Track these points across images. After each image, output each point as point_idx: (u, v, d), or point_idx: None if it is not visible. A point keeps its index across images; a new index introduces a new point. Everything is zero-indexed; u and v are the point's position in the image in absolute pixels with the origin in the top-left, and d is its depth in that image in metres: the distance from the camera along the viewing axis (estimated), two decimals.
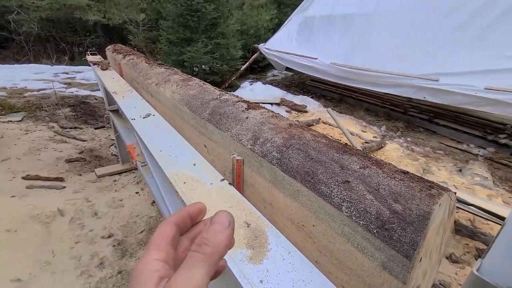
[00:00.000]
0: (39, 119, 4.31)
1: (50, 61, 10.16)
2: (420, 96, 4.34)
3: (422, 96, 4.31)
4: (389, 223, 0.62)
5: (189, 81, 1.71)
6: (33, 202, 2.59)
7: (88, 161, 3.37)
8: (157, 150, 1.24)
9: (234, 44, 7.21)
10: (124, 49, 3.03)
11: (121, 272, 2.03)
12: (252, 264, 0.69)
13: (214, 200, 0.93)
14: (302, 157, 0.85)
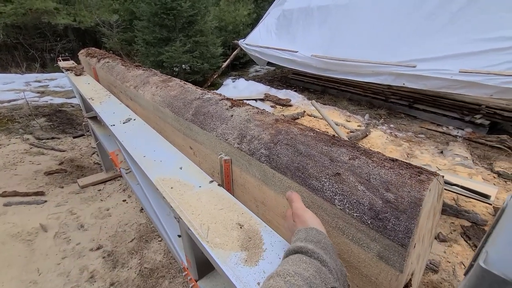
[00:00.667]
0: (12, 131, 4.07)
1: (19, 69, 9.61)
2: (399, 83, 4.45)
3: (401, 83, 4.42)
4: (382, 213, 0.61)
5: (169, 82, 1.66)
6: (13, 220, 2.46)
7: (69, 172, 3.22)
8: (140, 156, 1.19)
9: (213, 41, 7.09)
10: (98, 52, 2.89)
11: (113, 284, 1.96)
12: (248, 266, 0.67)
13: (204, 204, 0.90)
14: (291, 153, 0.84)
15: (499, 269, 0.20)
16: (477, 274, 0.21)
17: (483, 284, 0.21)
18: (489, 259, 0.21)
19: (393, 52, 4.43)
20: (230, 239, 0.75)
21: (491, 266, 0.21)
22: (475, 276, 0.22)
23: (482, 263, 0.21)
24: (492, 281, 0.20)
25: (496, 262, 0.21)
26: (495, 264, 0.21)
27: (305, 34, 6.12)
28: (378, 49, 4.65)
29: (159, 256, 2.19)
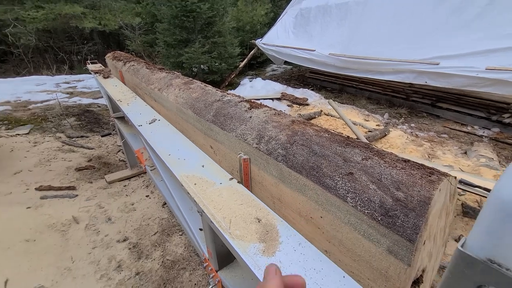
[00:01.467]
0: (46, 130, 4.39)
1: (50, 71, 10.26)
2: (421, 81, 4.32)
3: (423, 81, 4.29)
4: (392, 210, 0.65)
5: (191, 84, 1.75)
6: (48, 211, 2.68)
7: (97, 168, 3.45)
8: (165, 154, 1.29)
9: (231, 41, 7.21)
10: (124, 55, 3.07)
11: (138, 273, 2.10)
12: (265, 256, 0.74)
13: (225, 199, 0.98)
14: (306, 153, 0.89)
15: (472, 251, 0.24)
16: (456, 256, 0.26)
17: (460, 263, 0.25)
18: (466, 244, 0.26)
19: (414, 49, 4.30)
20: (249, 232, 0.82)
21: (466, 248, 0.25)
22: (454, 258, 0.26)
23: (460, 247, 0.25)
24: (467, 261, 0.24)
25: (470, 245, 0.25)
26: (469, 247, 0.25)
27: (322, 32, 6.07)
28: (399, 46, 4.53)
29: (180, 249, 2.30)
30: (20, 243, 2.30)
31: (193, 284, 2.02)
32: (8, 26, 10.24)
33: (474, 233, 0.25)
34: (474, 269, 0.25)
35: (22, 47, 10.81)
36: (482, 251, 0.24)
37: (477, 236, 0.25)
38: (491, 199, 0.24)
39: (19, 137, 4.14)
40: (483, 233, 0.24)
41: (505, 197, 0.23)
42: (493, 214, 0.24)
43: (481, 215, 0.25)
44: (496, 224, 0.24)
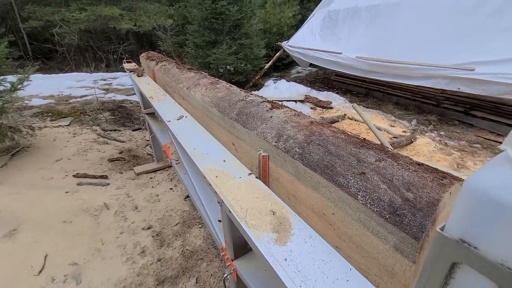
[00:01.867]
0: (84, 123, 4.77)
1: (89, 69, 11.05)
2: (454, 87, 4.11)
3: (456, 87, 4.09)
4: (400, 209, 0.68)
5: (217, 84, 1.85)
6: (83, 197, 2.93)
7: (127, 160, 3.69)
8: (191, 149, 1.39)
9: (257, 43, 7.32)
10: (156, 56, 3.27)
11: (160, 260, 2.24)
12: (277, 245, 0.80)
13: (243, 192, 1.05)
14: (322, 152, 0.94)
15: (447, 233, 0.28)
16: (435, 237, 0.30)
17: (437, 243, 0.29)
18: (445, 227, 0.30)
19: (447, 54, 4.11)
20: (263, 222, 0.88)
21: (443, 231, 0.29)
22: (434, 239, 0.30)
23: (438, 229, 0.29)
24: (443, 241, 0.28)
25: (447, 228, 0.29)
26: (446, 229, 0.29)
27: (350, 35, 5.97)
28: (431, 51, 4.35)
29: (199, 241, 2.42)
30: (59, 224, 2.55)
31: (209, 274, 2.12)
32: (54, 27, 11.19)
33: (451, 217, 0.29)
34: (449, 248, 0.28)
35: (66, 46, 11.76)
36: (456, 232, 0.28)
37: (452, 220, 0.28)
38: (464, 187, 0.28)
39: (61, 128, 4.54)
40: (457, 216, 0.28)
41: (474, 186, 0.27)
42: (465, 200, 0.28)
43: (457, 201, 0.29)
44: (467, 208, 0.27)
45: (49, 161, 3.54)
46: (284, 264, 0.73)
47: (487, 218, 0.26)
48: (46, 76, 8.54)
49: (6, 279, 2.00)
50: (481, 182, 0.26)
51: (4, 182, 3.05)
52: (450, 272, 0.30)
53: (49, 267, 2.12)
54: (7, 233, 2.38)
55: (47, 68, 11.56)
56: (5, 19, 11.61)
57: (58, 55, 12.59)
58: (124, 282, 2.03)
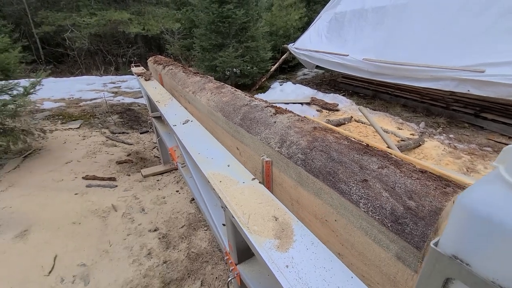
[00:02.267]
0: (93, 125, 4.87)
1: (99, 72, 11.28)
2: (464, 89, 4.04)
3: (465, 89, 4.01)
4: (402, 218, 0.68)
5: (222, 89, 1.87)
6: (92, 199, 2.99)
7: (134, 162, 3.75)
8: (196, 153, 1.41)
9: (263, 46, 7.34)
10: (164, 60, 3.32)
11: (166, 262, 2.27)
12: (279, 252, 0.80)
13: (246, 197, 1.06)
14: (324, 158, 0.94)
15: (441, 248, 0.28)
16: (429, 252, 0.30)
17: (432, 259, 0.30)
18: (439, 243, 0.30)
19: (456, 55, 4.04)
20: (266, 228, 0.89)
21: (437, 246, 0.29)
22: (428, 254, 0.30)
23: (432, 245, 0.30)
24: (437, 256, 0.29)
25: (441, 244, 0.29)
26: (440, 245, 0.29)
27: (357, 37, 5.94)
28: (439, 52, 4.29)
29: (204, 243, 2.44)
30: (68, 225, 2.61)
31: (214, 277, 2.13)
32: (66, 31, 11.48)
33: (445, 233, 0.29)
34: (443, 263, 0.29)
35: (77, 50, 12.04)
36: (449, 248, 0.28)
37: (446, 236, 0.29)
38: (457, 204, 0.28)
39: (71, 130, 4.64)
40: (450, 233, 0.28)
41: (466, 202, 0.27)
42: (458, 217, 0.28)
43: (450, 217, 0.29)
44: (459, 225, 0.28)
45: (60, 163, 3.62)
46: (285, 271, 0.74)
47: (478, 235, 0.26)
48: (58, 80, 8.75)
49: (17, 278, 2.05)
50: (472, 199, 0.26)
51: (16, 184, 3.14)
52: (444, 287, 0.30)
53: (59, 268, 2.17)
54: (18, 234, 2.44)
55: (58, 72, 11.86)
56: (19, 25, 11.97)
57: (69, 59, 12.91)
58: (131, 284, 2.06)
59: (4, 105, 3.31)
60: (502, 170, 0.26)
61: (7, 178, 3.23)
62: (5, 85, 3.48)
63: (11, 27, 10.74)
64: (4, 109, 3.34)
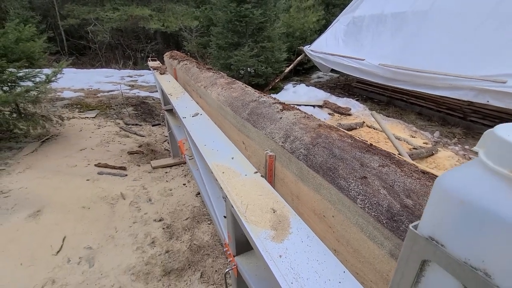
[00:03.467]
0: (108, 116, 5.02)
1: (117, 65, 11.60)
2: (483, 99, 3.91)
3: (484, 100, 3.88)
4: (398, 215, 0.68)
5: (233, 84, 1.90)
6: (102, 186, 3.08)
7: (145, 154, 3.84)
8: (202, 144, 1.44)
9: (279, 47, 7.34)
10: (179, 55, 3.39)
11: (168, 251, 2.31)
12: (274, 242, 0.81)
13: (247, 189, 1.07)
14: (326, 154, 0.94)
15: (419, 230, 0.29)
16: (407, 235, 0.31)
17: (409, 241, 0.30)
18: (418, 226, 0.30)
19: (476, 65, 3.92)
20: (263, 219, 0.90)
21: (415, 228, 0.30)
22: (407, 236, 0.31)
23: (411, 227, 0.30)
24: (414, 238, 0.29)
25: (419, 226, 0.30)
26: (418, 227, 0.30)
27: (374, 42, 5.85)
28: (458, 61, 4.17)
29: (206, 237, 2.47)
30: (78, 209, 2.70)
31: (214, 270, 2.15)
32: (89, 25, 11.89)
33: (424, 215, 0.29)
34: (419, 245, 0.29)
35: (98, 43, 12.44)
36: (426, 230, 0.28)
37: (425, 218, 0.29)
38: (435, 186, 0.28)
39: (87, 119, 4.81)
40: (428, 214, 0.29)
41: (444, 185, 0.27)
42: (435, 198, 0.28)
43: (429, 200, 0.29)
44: (436, 207, 0.28)
45: (74, 149, 3.76)
46: (278, 260, 0.75)
47: (453, 217, 0.26)
48: (79, 71, 9.07)
49: (28, 255, 2.15)
50: (449, 181, 0.27)
51: (33, 167, 3.28)
52: (421, 270, 0.30)
53: (66, 249, 2.25)
54: (32, 214, 2.55)
55: (80, 63, 12.27)
56: (46, 17, 12.48)
57: (90, 51, 13.34)
58: (133, 270, 2.11)
59: (27, 91, 3.47)
60: (482, 153, 0.26)
61: (25, 161, 3.38)
62: (28, 72, 3.65)
63: (39, 18, 11.23)
64: (27, 95, 3.50)
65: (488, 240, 0.24)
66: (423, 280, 0.31)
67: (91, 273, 2.06)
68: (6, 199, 2.69)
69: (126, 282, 2.00)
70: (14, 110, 3.71)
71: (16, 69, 3.49)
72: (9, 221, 2.45)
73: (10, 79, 3.46)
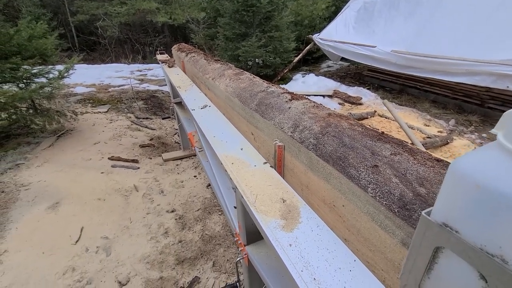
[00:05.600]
0: (119, 110, 5.11)
1: (127, 60, 11.72)
2: (502, 85, 3.73)
3: (504, 86, 3.71)
4: (410, 204, 0.66)
5: (241, 75, 1.88)
6: (116, 178, 3.17)
7: (156, 147, 3.91)
8: (211, 136, 1.44)
9: (287, 36, 7.21)
10: (187, 47, 3.38)
11: (181, 241, 2.37)
12: (284, 231, 0.81)
13: (256, 179, 1.07)
14: (336, 143, 0.93)
15: (432, 217, 0.28)
16: (420, 221, 0.30)
17: (422, 227, 0.29)
18: (431, 212, 0.29)
19: (495, 49, 3.73)
20: (273, 209, 0.90)
21: (428, 215, 0.29)
22: (419, 223, 0.30)
23: (423, 213, 0.29)
24: (427, 225, 0.28)
25: (432, 213, 0.29)
26: (431, 214, 0.29)
27: (386, 28, 5.65)
28: (476, 45, 3.98)
29: (218, 227, 2.51)
30: (94, 201, 2.79)
31: (225, 259, 2.20)
32: (98, 20, 12.01)
33: (437, 201, 0.28)
34: (432, 232, 0.28)
35: (108, 38, 12.58)
36: (440, 217, 0.27)
37: (438, 204, 0.28)
38: (450, 171, 0.27)
39: (100, 114, 4.91)
40: (442, 201, 0.28)
41: (460, 169, 0.26)
42: (449, 184, 0.27)
43: (443, 185, 0.28)
44: (451, 192, 0.27)
45: (89, 143, 3.86)
46: (288, 249, 0.75)
47: (469, 202, 0.25)
48: (90, 66, 9.22)
49: (48, 245, 2.25)
50: (465, 165, 0.25)
51: (50, 160, 3.40)
52: (433, 257, 0.29)
53: (84, 239, 2.35)
54: (51, 205, 2.66)
55: (91, 59, 12.47)
56: (57, 14, 12.68)
57: (100, 47, 13.52)
58: (148, 259, 2.18)
59: (42, 87, 3.56)
60: (501, 136, 0.25)
61: (42, 155, 3.51)
62: (42, 69, 3.74)
63: (50, 15, 11.41)
64: (42, 91, 3.60)
65: (506, 226, 0.23)
66: (436, 267, 0.30)
67: (108, 262, 2.15)
68: (27, 192, 2.81)
69: (142, 270, 2.08)
70: (30, 106, 3.83)
71: (30, 66, 3.59)
72: (31, 213, 2.56)
73: (25, 76, 3.56)
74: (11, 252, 2.17)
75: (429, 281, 0.31)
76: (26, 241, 2.27)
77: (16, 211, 2.57)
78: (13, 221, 2.46)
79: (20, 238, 2.30)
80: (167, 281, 2.00)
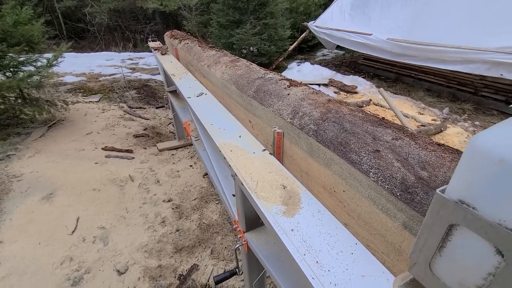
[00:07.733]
0: (112, 100, 5.00)
1: (117, 48, 11.40)
2: (496, 73, 3.76)
3: (498, 74, 3.74)
4: (412, 187, 0.67)
5: (237, 62, 1.84)
6: (111, 168, 3.13)
7: (151, 136, 3.86)
8: (208, 124, 1.42)
9: (282, 23, 7.08)
10: (180, 34, 3.29)
11: (178, 230, 2.38)
12: (285, 217, 0.81)
13: (256, 166, 1.07)
14: (336, 129, 0.92)
15: (447, 194, 0.27)
16: (434, 199, 0.29)
17: (436, 205, 0.29)
18: (445, 190, 0.29)
19: (490, 37, 3.73)
20: (273, 195, 0.90)
21: (443, 193, 0.28)
22: (433, 201, 0.30)
23: (438, 191, 0.29)
24: (441, 202, 0.28)
25: (447, 190, 0.28)
26: (446, 192, 0.28)
27: (382, 15, 5.59)
28: (471, 33, 3.97)
29: (215, 216, 2.52)
30: (89, 191, 2.76)
31: (223, 247, 2.22)
32: (86, 6, 11.57)
33: (452, 179, 0.28)
34: (447, 209, 0.28)
35: (97, 25, 12.16)
36: (455, 194, 0.27)
37: (453, 181, 0.28)
38: (468, 147, 0.27)
39: (91, 104, 4.80)
40: (458, 178, 0.27)
41: (478, 144, 0.25)
42: (468, 160, 0.27)
43: (460, 162, 0.28)
44: (469, 168, 0.26)
45: (81, 134, 3.79)
46: (291, 234, 0.75)
47: (489, 177, 0.25)
48: (79, 55, 8.94)
49: (45, 236, 2.23)
50: (486, 140, 0.25)
51: (42, 151, 3.33)
52: (447, 235, 0.29)
53: (81, 229, 2.33)
54: (45, 196, 2.63)
55: (79, 47, 12.08)
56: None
57: (89, 34, 13.09)
58: (146, 248, 2.19)
59: (30, 76, 3.44)
60: None
61: (34, 146, 3.43)
62: (29, 57, 3.60)
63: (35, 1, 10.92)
64: (30, 80, 3.48)
65: None
66: (448, 245, 0.30)
67: (106, 251, 2.14)
68: (20, 183, 2.76)
69: (140, 259, 2.08)
70: (19, 96, 3.71)
71: (16, 54, 3.45)
72: (25, 204, 2.52)
73: (12, 64, 3.43)
74: (6, 243, 2.15)
75: (440, 259, 0.31)
76: (21, 232, 2.25)
77: (10, 202, 2.53)
78: (7, 212, 2.42)
79: (15, 229, 2.27)
80: (166, 269, 2.02)
